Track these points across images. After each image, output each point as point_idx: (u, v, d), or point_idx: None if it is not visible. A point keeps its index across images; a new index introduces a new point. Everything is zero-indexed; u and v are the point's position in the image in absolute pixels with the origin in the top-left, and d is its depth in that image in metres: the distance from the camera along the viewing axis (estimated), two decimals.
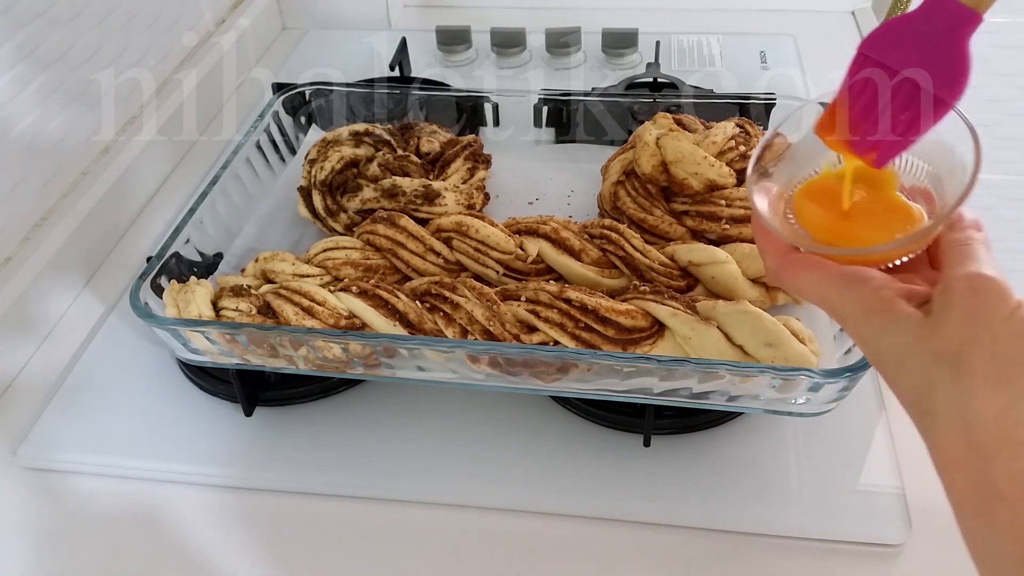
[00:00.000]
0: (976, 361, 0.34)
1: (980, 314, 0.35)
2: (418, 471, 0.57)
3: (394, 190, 0.67)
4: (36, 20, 0.70)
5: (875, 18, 1.08)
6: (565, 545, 0.54)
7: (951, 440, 0.35)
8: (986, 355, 0.34)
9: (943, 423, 0.35)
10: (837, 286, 0.40)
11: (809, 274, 0.41)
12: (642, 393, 0.53)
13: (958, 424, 0.34)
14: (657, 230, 0.65)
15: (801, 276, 0.42)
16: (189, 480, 0.58)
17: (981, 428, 0.33)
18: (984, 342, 0.34)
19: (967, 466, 0.34)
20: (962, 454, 0.34)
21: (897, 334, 0.37)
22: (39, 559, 0.55)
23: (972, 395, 0.34)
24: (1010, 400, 0.33)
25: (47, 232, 0.71)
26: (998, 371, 0.34)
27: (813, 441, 0.58)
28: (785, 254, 0.42)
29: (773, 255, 0.43)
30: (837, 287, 0.40)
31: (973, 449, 0.34)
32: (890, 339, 0.37)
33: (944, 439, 0.35)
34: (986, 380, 0.34)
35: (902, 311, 0.37)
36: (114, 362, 0.66)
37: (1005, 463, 0.32)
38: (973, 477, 0.34)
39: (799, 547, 0.53)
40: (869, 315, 0.38)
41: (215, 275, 0.66)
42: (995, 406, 0.33)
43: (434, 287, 0.57)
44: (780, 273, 0.43)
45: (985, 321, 0.35)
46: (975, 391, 0.34)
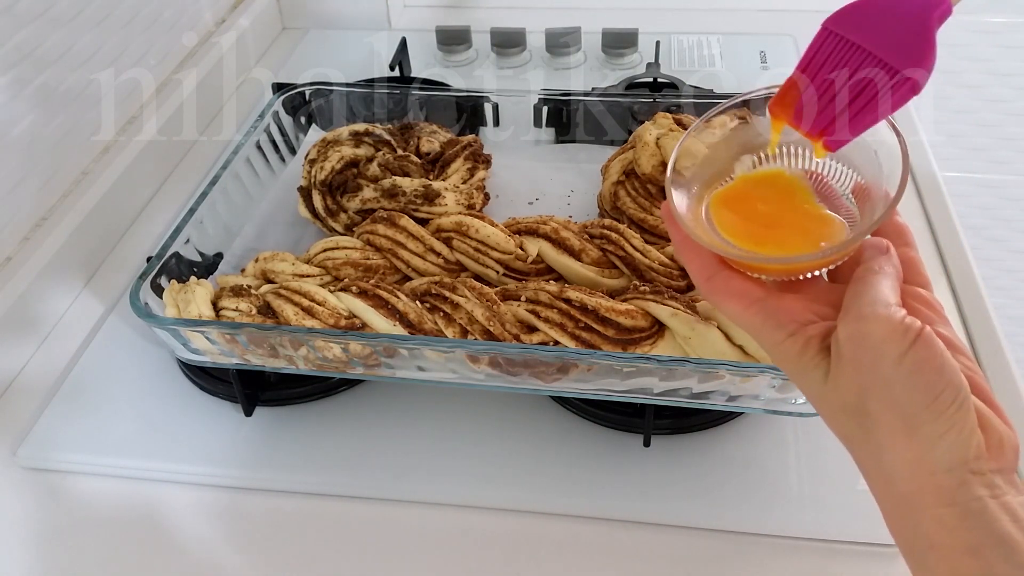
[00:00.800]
0: (877, 413, 0.33)
1: (867, 362, 0.33)
2: (418, 471, 0.57)
3: (394, 190, 0.67)
4: (36, 20, 0.70)
5: None
6: (565, 545, 0.54)
7: (879, 492, 0.35)
8: (885, 404, 0.33)
9: (869, 477, 0.35)
10: (757, 322, 0.38)
11: (733, 304, 0.38)
12: (642, 393, 0.53)
13: (880, 478, 0.34)
14: (657, 230, 0.65)
15: (725, 304, 0.39)
16: (189, 480, 0.58)
17: (900, 481, 0.33)
18: (879, 391, 0.33)
19: (898, 517, 0.34)
20: (892, 506, 0.34)
21: (808, 385, 0.36)
22: (39, 559, 0.55)
23: (883, 449, 0.33)
24: (921, 448, 0.32)
25: (47, 232, 0.71)
26: (902, 420, 0.33)
27: (813, 441, 0.58)
28: (710, 277, 0.39)
29: (698, 276, 0.40)
30: (757, 323, 0.38)
31: (899, 501, 0.33)
32: (804, 388, 0.37)
33: (875, 489, 0.35)
34: (892, 431, 0.33)
35: (810, 361, 0.36)
36: (114, 362, 0.66)
37: (930, 511, 0.32)
38: (906, 527, 0.33)
39: (799, 547, 0.53)
40: (784, 361, 0.37)
41: (215, 275, 0.66)
42: (907, 458, 0.33)
43: (434, 287, 0.57)
44: (708, 297, 0.40)
45: (873, 368, 0.33)
46: (885, 445, 0.33)
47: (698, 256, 0.39)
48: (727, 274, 0.39)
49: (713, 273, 0.39)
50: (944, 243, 0.74)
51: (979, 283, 0.69)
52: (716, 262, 0.39)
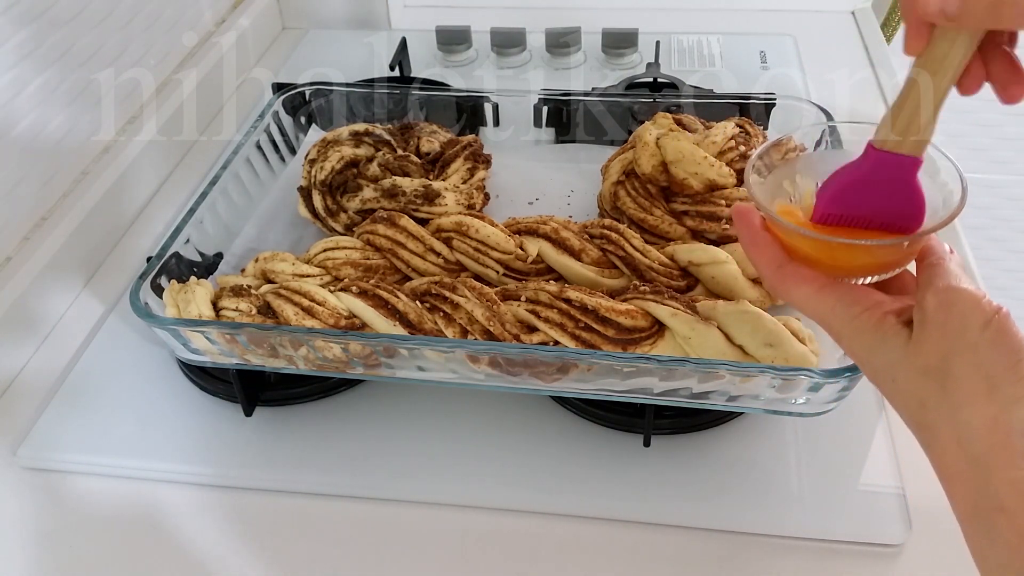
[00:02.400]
0: (960, 373, 0.35)
1: (955, 327, 0.35)
2: (418, 471, 0.57)
3: (394, 190, 0.67)
4: (36, 20, 0.70)
5: (875, 18, 1.08)
6: (565, 545, 0.54)
7: (949, 454, 0.35)
8: (969, 366, 0.34)
9: (939, 437, 0.35)
10: (831, 301, 0.40)
11: (804, 287, 0.41)
12: (642, 393, 0.53)
13: (952, 437, 0.35)
14: (657, 230, 0.65)
15: (796, 289, 0.42)
16: (189, 480, 0.58)
17: (975, 440, 0.34)
18: (964, 353, 0.35)
19: (967, 479, 0.34)
20: (961, 467, 0.34)
21: (886, 352, 0.38)
22: (39, 559, 0.55)
23: (961, 408, 0.34)
24: (1000, 408, 0.33)
25: (47, 232, 0.71)
26: (983, 381, 0.34)
27: (813, 441, 0.58)
28: (780, 266, 0.42)
29: (768, 266, 0.43)
30: (831, 302, 0.40)
31: (971, 461, 0.34)
32: (881, 357, 0.38)
33: (943, 453, 0.35)
34: (973, 391, 0.34)
35: (890, 328, 0.38)
36: (114, 362, 0.66)
37: (1003, 472, 0.32)
38: (973, 489, 0.34)
39: (799, 547, 0.53)
40: (861, 333, 0.39)
41: (215, 275, 0.66)
42: (986, 416, 0.33)
43: (434, 287, 0.57)
44: (776, 285, 0.43)
45: (961, 333, 0.35)
46: (964, 403, 0.34)
47: (769, 247, 0.43)
48: (797, 263, 0.42)
49: (783, 262, 0.42)
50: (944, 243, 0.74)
51: (979, 283, 0.69)
52: (785, 254, 0.43)
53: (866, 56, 1.00)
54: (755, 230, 0.43)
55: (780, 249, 0.43)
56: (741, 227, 0.44)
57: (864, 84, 0.94)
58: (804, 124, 0.70)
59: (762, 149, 0.46)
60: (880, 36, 1.04)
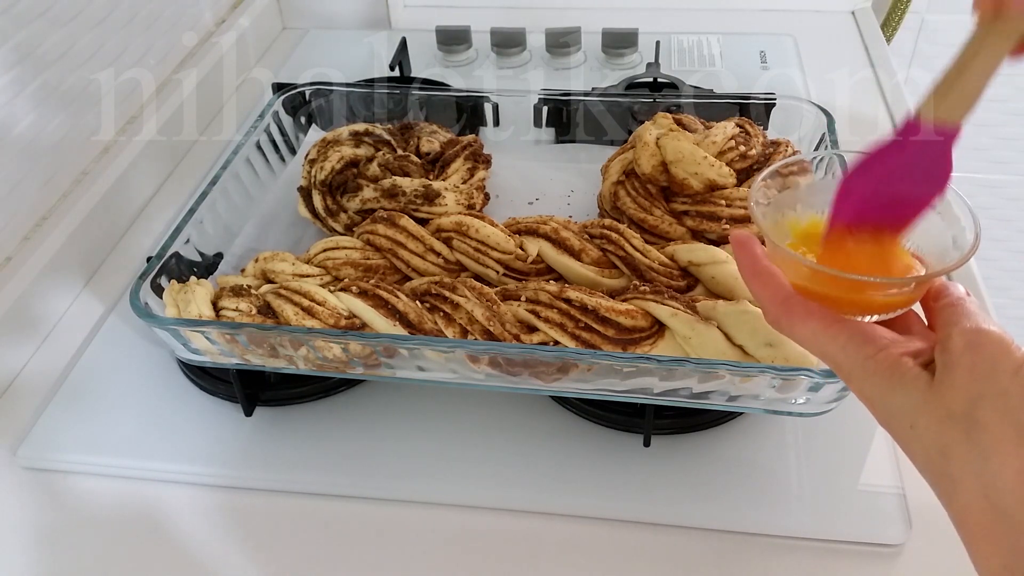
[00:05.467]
0: (989, 420, 0.32)
1: (984, 370, 0.33)
2: (418, 471, 0.57)
3: (394, 190, 0.67)
4: (36, 20, 0.70)
5: (875, 18, 1.08)
6: (565, 545, 0.54)
7: (974, 507, 0.32)
8: (998, 412, 0.32)
9: (963, 488, 0.33)
10: (842, 340, 0.37)
11: (812, 323, 0.38)
12: (642, 393, 0.53)
13: (979, 489, 0.32)
14: (657, 230, 0.65)
15: (803, 324, 0.39)
16: (189, 480, 0.58)
17: (1005, 492, 0.31)
18: (994, 399, 0.32)
19: (996, 536, 0.32)
20: (988, 523, 0.32)
21: (904, 396, 0.35)
22: (39, 559, 0.55)
23: (989, 457, 0.32)
24: None
25: (47, 232, 0.71)
26: (1014, 428, 0.32)
27: (813, 441, 0.58)
28: (784, 299, 0.40)
29: (772, 300, 0.40)
30: (842, 340, 0.37)
31: (999, 516, 0.31)
32: (897, 401, 0.36)
33: (967, 506, 0.33)
34: (1003, 439, 0.32)
35: (908, 371, 0.35)
36: (114, 362, 0.66)
37: None
38: (1005, 548, 0.31)
39: (799, 547, 0.53)
40: (875, 374, 0.36)
41: (215, 275, 0.66)
42: (1016, 467, 0.31)
43: (434, 287, 0.57)
44: (780, 319, 0.40)
45: (991, 377, 0.33)
46: (992, 452, 0.32)
47: (772, 280, 0.41)
48: (803, 297, 0.40)
49: (788, 296, 0.40)
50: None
51: (979, 283, 0.69)
52: (790, 288, 0.40)
53: (866, 56, 1.00)
54: (757, 260, 0.41)
55: (785, 281, 0.41)
56: (742, 257, 0.42)
57: (864, 84, 0.94)
58: (803, 134, 0.69)
59: (766, 174, 0.45)
60: (880, 36, 1.04)
